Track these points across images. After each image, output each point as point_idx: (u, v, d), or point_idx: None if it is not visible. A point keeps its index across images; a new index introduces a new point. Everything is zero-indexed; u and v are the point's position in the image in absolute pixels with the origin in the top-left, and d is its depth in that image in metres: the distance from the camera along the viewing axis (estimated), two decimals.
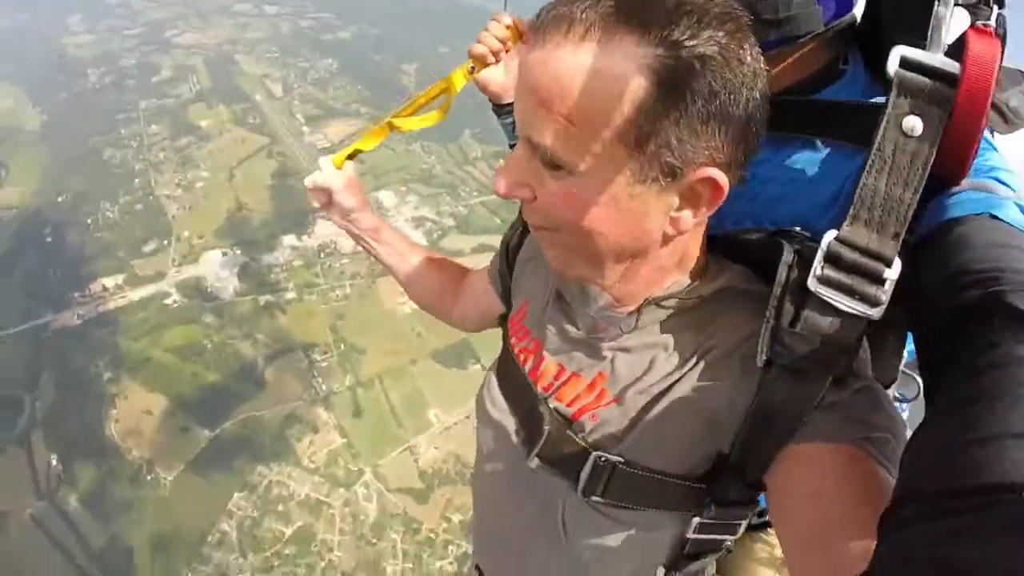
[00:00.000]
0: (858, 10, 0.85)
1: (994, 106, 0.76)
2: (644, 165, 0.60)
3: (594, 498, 0.75)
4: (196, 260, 35.12)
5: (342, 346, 31.96)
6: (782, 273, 0.64)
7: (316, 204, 1.19)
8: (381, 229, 1.23)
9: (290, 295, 34.01)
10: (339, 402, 29.37)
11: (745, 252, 0.77)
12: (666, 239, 0.68)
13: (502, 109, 1.31)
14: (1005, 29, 0.64)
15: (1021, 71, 0.75)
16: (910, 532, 0.44)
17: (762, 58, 0.62)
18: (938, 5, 0.65)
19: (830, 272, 0.60)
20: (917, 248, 0.66)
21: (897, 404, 0.95)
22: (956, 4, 0.66)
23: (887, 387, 0.94)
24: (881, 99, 0.64)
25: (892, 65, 0.61)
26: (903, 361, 0.94)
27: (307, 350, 31.00)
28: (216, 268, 35.01)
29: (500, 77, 1.23)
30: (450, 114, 1.20)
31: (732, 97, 0.58)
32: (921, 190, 0.59)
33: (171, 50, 53.33)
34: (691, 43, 0.56)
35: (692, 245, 0.72)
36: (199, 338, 30.73)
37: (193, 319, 31.76)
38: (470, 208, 43.41)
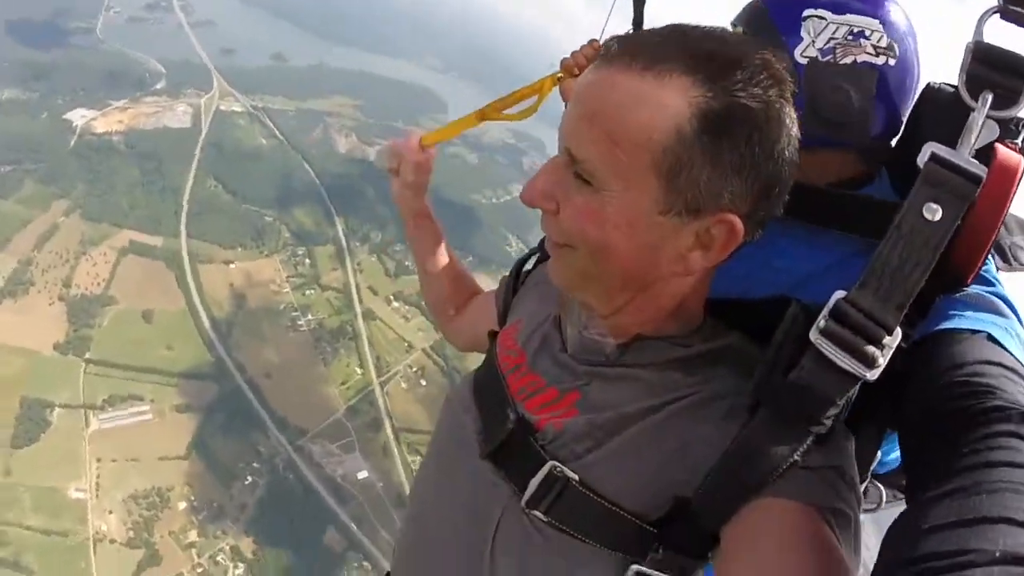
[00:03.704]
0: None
1: (997, 246, 0.88)
2: (670, 196, 0.67)
3: (536, 513, 0.76)
4: None
5: None
6: (787, 322, 0.67)
7: (385, 164, 1.27)
8: (426, 218, 1.31)
9: None
10: None
11: (751, 315, 0.83)
12: (672, 278, 0.75)
13: None
14: None
15: None
16: None
17: (798, 128, 0.71)
18: (973, 112, 0.72)
19: (833, 326, 0.62)
20: (917, 345, 0.75)
21: None
22: (990, 118, 0.73)
23: None
24: None
25: (923, 158, 0.66)
26: (872, 465, 0.98)
27: None
28: None
29: None
30: None
31: (764, 151, 0.67)
32: (929, 272, 0.63)
33: None
34: (739, 94, 0.65)
35: (692, 296, 0.79)
36: None
37: None
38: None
